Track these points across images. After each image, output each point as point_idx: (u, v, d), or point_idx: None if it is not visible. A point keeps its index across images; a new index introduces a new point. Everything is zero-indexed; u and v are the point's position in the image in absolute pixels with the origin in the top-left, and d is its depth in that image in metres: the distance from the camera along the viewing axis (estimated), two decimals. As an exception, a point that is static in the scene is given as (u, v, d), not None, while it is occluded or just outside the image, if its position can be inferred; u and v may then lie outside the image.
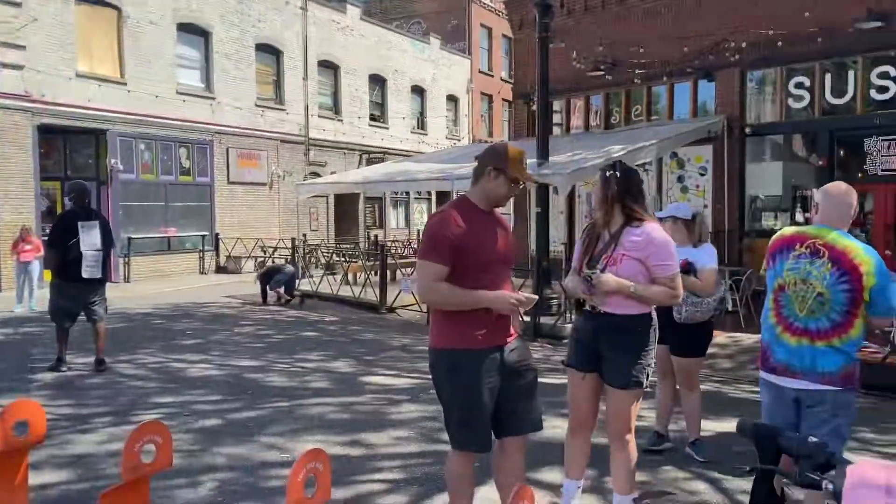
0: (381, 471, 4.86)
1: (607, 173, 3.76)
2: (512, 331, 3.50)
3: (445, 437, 5.36)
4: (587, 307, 3.75)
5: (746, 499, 4.36)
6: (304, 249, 17.28)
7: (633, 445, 3.78)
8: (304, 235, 19.51)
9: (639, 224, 3.69)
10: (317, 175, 23.81)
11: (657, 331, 3.76)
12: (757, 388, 7.44)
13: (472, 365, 3.32)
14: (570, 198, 15.55)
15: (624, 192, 3.73)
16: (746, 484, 4.61)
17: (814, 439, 1.38)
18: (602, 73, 15.37)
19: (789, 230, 3.81)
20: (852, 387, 3.50)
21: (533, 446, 4.03)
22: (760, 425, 1.49)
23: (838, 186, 3.68)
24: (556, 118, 17.07)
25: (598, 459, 4.48)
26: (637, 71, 14.81)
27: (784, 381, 3.64)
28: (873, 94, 12.54)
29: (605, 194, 3.77)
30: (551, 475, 4.69)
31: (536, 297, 3.53)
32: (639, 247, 3.63)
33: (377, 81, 28.03)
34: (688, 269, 4.82)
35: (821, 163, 13.21)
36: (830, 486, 1.20)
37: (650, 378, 3.74)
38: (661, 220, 4.99)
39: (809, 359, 3.52)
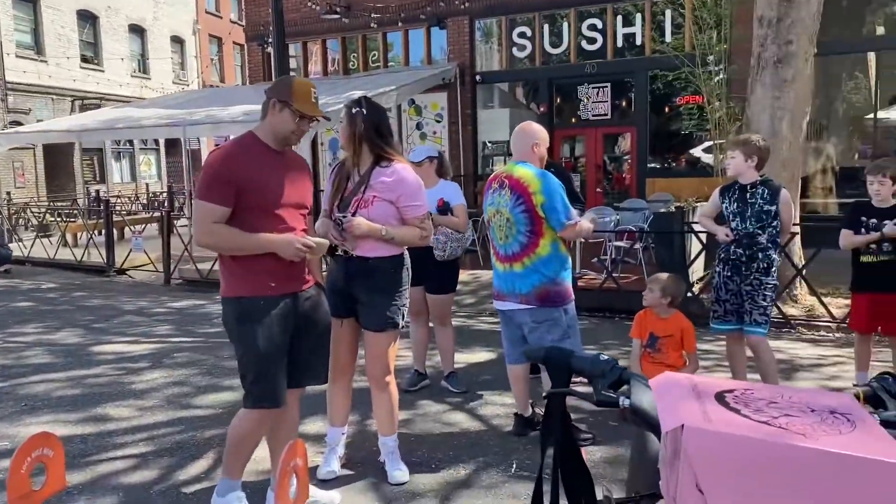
0: (125, 446, 4.39)
1: (353, 110, 3.58)
2: (308, 278, 3.28)
3: (196, 402, 4.96)
4: (339, 252, 3.60)
5: (500, 422, 4.61)
6: (9, 210, 15.06)
7: (393, 387, 3.78)
8: (8, 194, 17.02)
9: (388, 164, 3.59)
10: (19, 124, 20.80)
11: (410, 271, 3.74)
12: (497, 320, 8.03)
13: (262, 314, 3.06)
14: (314, 145, 15.25)
15: (371, 129, 3.58)
16: (499, 409, 4.89)
17: (605, 357, 1.38)
18: (338, 16, 15.10)
19: (496, 171, 4.23)
20: (553, 305, 3.92)
21: (295, 399, 3.87)
22: (551, 349, 1.47)
23: (520, 126, 4.17)
24: (293, 63, 16.52)
25: (361, 403, 4.45)
26: (372, 15, 14.77)
27: (501, 305, 4.10)
28: (584, 44, 13.76)
29: (352, 132, 3.60)
30: (314, 426, 4.57)
31: (327, 242, 3.31)
32: (389, 188, 3.55)
33: (87, 18, 25.02)
34: (445, 208, 5.00)
35: (542, 109, 14.29)
36: (627, 402, 1.20)
37: (405, 318, 3.73)
38: (417, 163, 5.03)
39: (510, 282, 4.02)
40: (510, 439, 4.33)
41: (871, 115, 12.52)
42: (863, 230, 4.63)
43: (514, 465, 3.95)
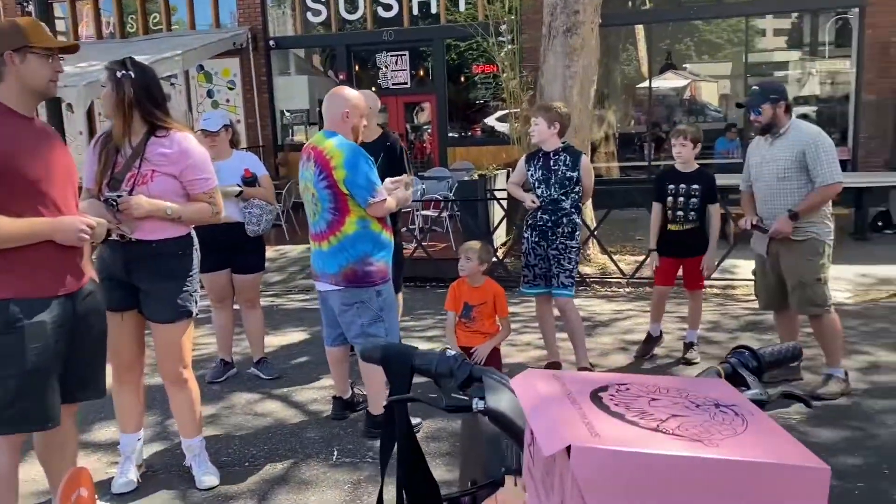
0: None
1: (119, 73, 3.06)
2: (86, 272, 2.77)
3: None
4: (114, 236, 3.11)
5: (318, 408, 4.38)
6: None
7: (192, 382, 3.40)
8: None
9: (165, 133, 3.15)
10: None
11: (199, 252, 3.37)
12: (308, 297, 7.76)
13: (34, 319, 2.53)
14: (90, 115, 13.76)
15: (143, 95, 3.10)
16: (315, 393, 4.65)
17: (451, 352, 1.21)
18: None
19: (309, 140, 3.93)
20: (362, 285, 3.68)
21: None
22: (390, 347, 1.28)
23: (333, 91, 3.90)
24: (61, 25, 14.77)
25: (157, 403, 4.02)
26: (151, -26, 13.53)
27: (318, 285, 3.83)
28: (381, 11, 13.55)
29: (119, 99, 3.07)
30: (105, 432, 4.07)
31: (105, 222, 2.81)
32: (171, 160, 3.12)
33: None
34: (252, 179, 4.70)
35: (341, 77, 13.94)
36: (481, 405, 1.04)
37: (199, 304, 3.35)
38: (214, 133, 4.60)
39: (321, 261, 3.76)
40: (329, 425, 4.13)
41: (645, 84, 13.54)
42: (669, 198, 4.87)
43: (336, 453, 3.75)
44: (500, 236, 8.67)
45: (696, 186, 4.79)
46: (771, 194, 4.23)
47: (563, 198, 4.49)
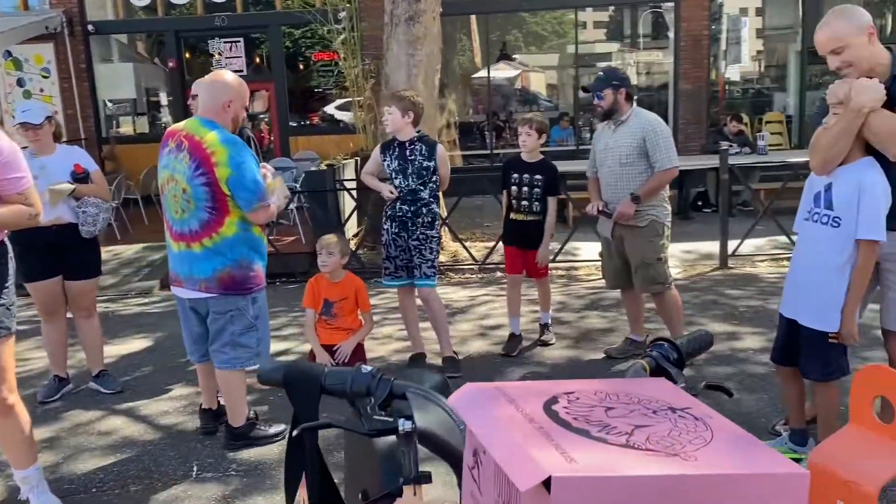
0: None
1: None
2: None
3: None
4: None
5: (170, 421, 4.08)
6: None
7: (20, 406, 2.99)
8: None
9: None
10: None
11: (14, 261, 3.00)
12: (147, 301, 7.24)
13: None
14: None
15: None
16: (165, 405, 4.33)
17: (368, 368, 1.11)
18: None
19: (173, 125, 3.56)
20: (238, 292, 3.44)
21: None
22: (294, 367, 1.15)
23: (213, 75, 3.57)
24: None
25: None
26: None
27: (178, 291, 3.51)
28: (212, -5, 12.88)
29: None
30: (-81, 470, 3.56)
31: None
32: None
33: None
34: (84, 176, 4.29)
35: (171, 65, 13.12)
36: (408, 425, 0.96)
37: (15, 318, 2.97)
38: (36, 126, 4.14)
39: (188, 264, 3.42)
40: (185, 438, 3.85)
41: (480, 74, 13.84)
42: (513, 187, 4.89)
43: (195, 468, 3.51)
44: (351, 227, 8.53)
45: (538, 177, 4.79)
46: (614, 179, 4.42)
47: (422, 188, 4.45)
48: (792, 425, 3.21)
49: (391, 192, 4.46)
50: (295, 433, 1.10)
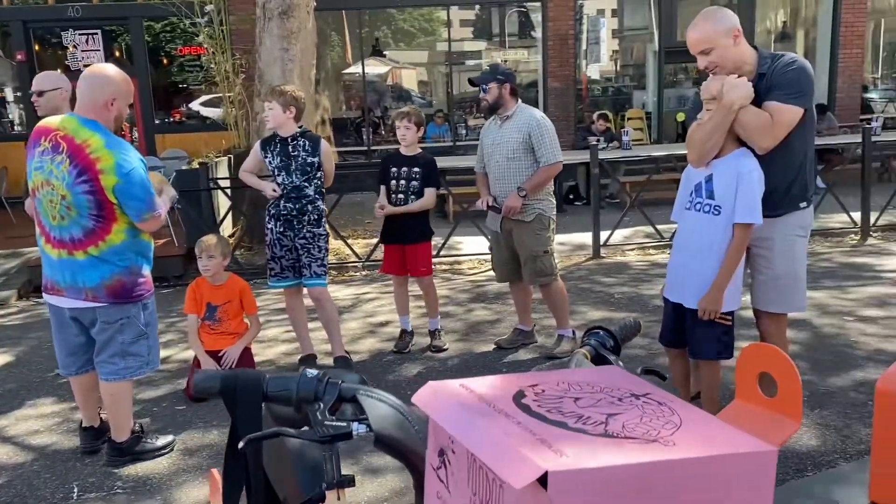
0: None
1: None
2: None
3: None
4: None
5: (43, 441, 3.79)
6: None
7: None
8: None
9: None
10: None
11: None
12: (5, 312, 6.66)
13: None
14: None
15: None
16: (34, 423, 4.02)
17: (313, 372, 1.06)
18: None
19: (45, 121, 3.28)
20: (128, 300, 3.26)
21: None
22: (232, 376, 1.08)
23: (92, 69, 3.30)
24: None
25: None
26: None
27: (56, 300, 3.27)
28: (62, -16, 12.02)
29: None
30: None
31: None
32: None
33: None
34: None
35: (19, 57, 12.14)
36: (362, 429, 0.93)
37: None
38: None
39: (70, 273, 3.21)
40: (62, 458, 3.58)
41: (352, 70, 13.73)
42: (392, 181, 4.84)
43: (76, 490, 3.27)
44: (226, 228, 8.23)
45: (416, 170, 4.75)
46: (502, 174, 4.51)
47: (307, 184, 4.36)
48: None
49: (274, 191, 4.34)
50: (240, 446, 1.04)
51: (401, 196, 4.79)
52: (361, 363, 4.72)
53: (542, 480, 0.62)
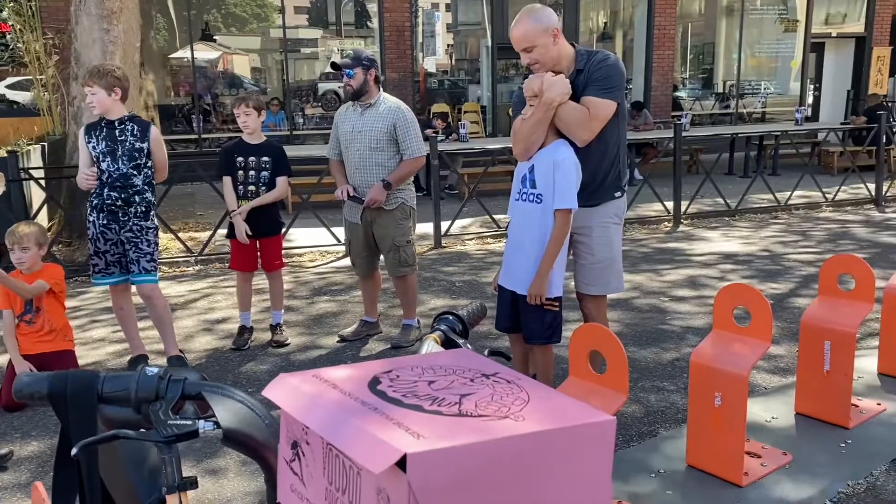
0: None
1: None
2: None
3: None
4: None
5: None
6: None
7: None
8: None
9: None
10: None
11: None
12: None
13: None
14: None
15: None
16: None
17: (153, 369, 0.99)
18: None
19: None
20: None
21: None
22: (61, 377, 0.99)
23: None
24: None
25: None
26: None
27: None
28: None
29: None
30: None
31: None
32: None
33: None
34: None
35: None
36: (209, 426, 0.88)
37: None
38: None
39: None
40: None
41: (180, 54, 13.06)
42: (239, 172, 4.64)
43: None
44: (41, 222, 7.55)
45: (266, 159, 4.62)
46: (363, 164, 4.43)
47: (135, 172, 4.09)
48: None
49: (87, 178, 4.02)
50: (73, 452, 0.96)
51: (252, 188, 4.62)
52: (198, 362, 4.52)
53: (401, 464, 0.64)
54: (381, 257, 4.68)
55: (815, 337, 3.33)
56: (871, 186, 9.92)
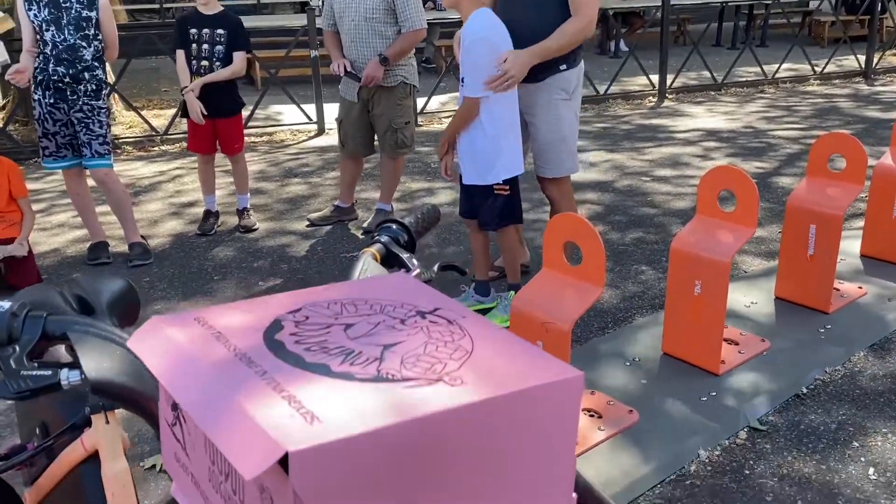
0: None
1: None
2: None
3: None
4: None
5: None
6: None
7: None
8: None
9: None
10: None
11: None
12: None
13: None
14: None
15: None
16: None
17: (5, 304, 0.82)
18: None
19: None
20: None
21: None
22: None
23: None
24: None
25: None
26: None
27: None
28: None
29: None
30: None
31: None
32: None
33: None
34: None
35: None
36: (75, 377, 0.72)
37: None
38: None
39: None
40: None
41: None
42: (193, 45, 4.28)
43: None
44: (-7, 100, 7.15)
45: (220, 31, 4.26)
46: (359, 36, 4.08)
47: (83, 45, 3.76)
48: (477, 277, 3.42)
49: (30, 53, 3.70)
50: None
51: (204, 63, 4.29)
52: (162, 249, 4.35)
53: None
54: (376, 137, 4.42)
55: (800, 220, 3.20)
56: (862, 59, 9.59)
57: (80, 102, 3.82)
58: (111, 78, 7.18)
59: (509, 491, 0.55)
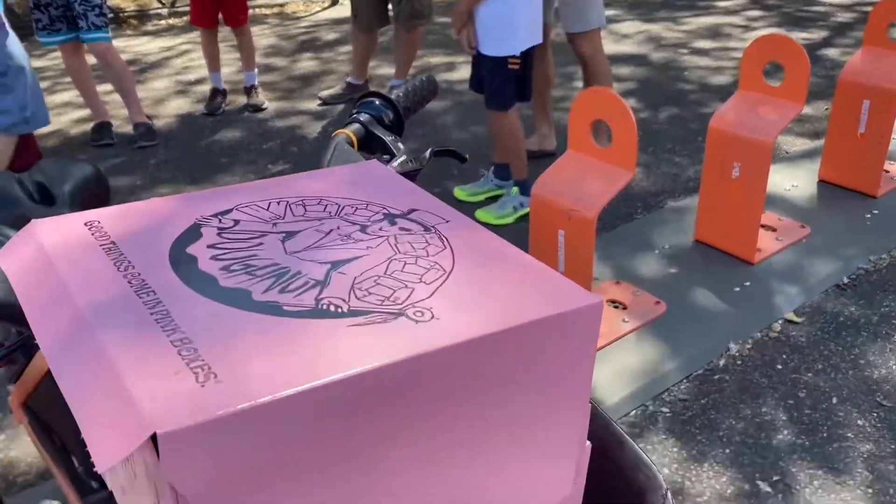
0: None
1: None
2: None
3: None
4: None
5: None
6: None
7: None
8: None
9: None
10: None
11: None
12: None
13: None
14: None
15: None
16: None
17: None
18: None
19: None
20: None
21: None
22: None
23: None
24: None
25: None
26: None
27: None
28: None
29: None
30: None
31: None
32: None
33: None
34: None
35: None
36: None
37: None
38: None
39: None
40: None
41: None
42: None
43: None
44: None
45: None
46: None
47: None
48: (496, 160, 3.20)
49: None
50: None
51: None
52: (167, 129, 4.16)
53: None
54: (390, 7, 4.09)
55: (853, 94, 2.91)
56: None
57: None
58: (112, -55, 6.78)
59: (498, 459, 0.39)
